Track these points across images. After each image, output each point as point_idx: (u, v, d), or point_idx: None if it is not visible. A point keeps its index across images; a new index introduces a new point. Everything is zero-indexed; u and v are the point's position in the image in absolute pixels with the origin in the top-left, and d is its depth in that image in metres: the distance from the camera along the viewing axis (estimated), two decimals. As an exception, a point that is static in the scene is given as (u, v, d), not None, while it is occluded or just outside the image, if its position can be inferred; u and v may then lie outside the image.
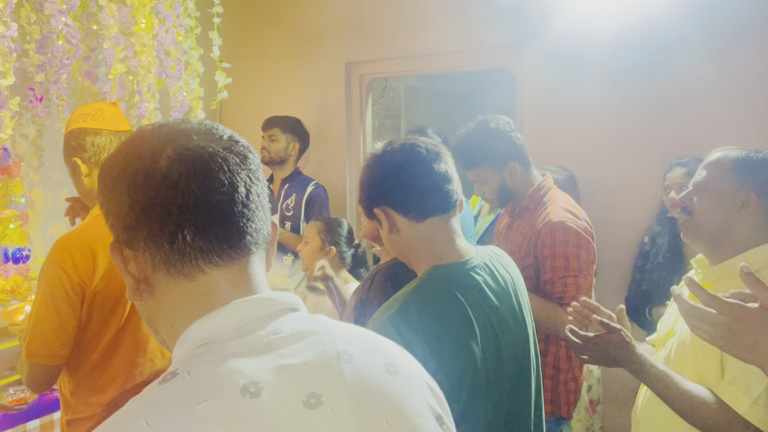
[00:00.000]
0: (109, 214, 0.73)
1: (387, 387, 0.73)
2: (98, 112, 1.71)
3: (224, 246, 0.71)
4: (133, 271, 0.72)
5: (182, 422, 0.60)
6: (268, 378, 0.65)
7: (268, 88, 3.75)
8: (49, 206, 3.11)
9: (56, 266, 1.54)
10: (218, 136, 0.74)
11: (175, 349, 0.71)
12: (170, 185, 0.68)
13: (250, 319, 0.70)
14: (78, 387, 1.65)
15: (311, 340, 0.71)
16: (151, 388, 0.65)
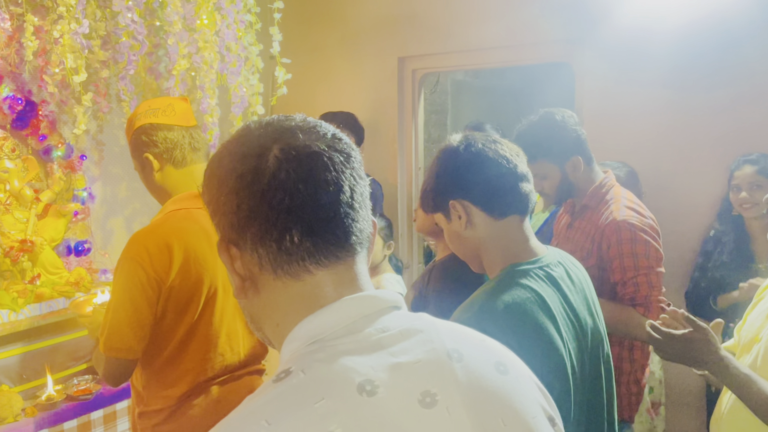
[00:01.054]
0: (216, 213, 0.73)
1: (499, 386, 0.71)
2: (169, 107, 1.71)
3: (331, 247, 0.70)
4: (239, 270, 0.72)
5: (302, 421, 0.60)
6: (382, 376, 0.65)
7: (321, 84, 3.75)
8: (108, 200, 3.17)
9: (133, 262, 1.55)
10: (322, 133, 0.73)
11: (284, 348, 0.71)
12: (278, 186, 0.68)
13: (358, 316, 0.69)
14: (150, 380, 1.67)
15: (419, 338, 0.70)
16: (265, 386, 0.66)
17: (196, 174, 1.73)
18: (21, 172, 2.51)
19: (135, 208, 3.30)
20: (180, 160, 1.70)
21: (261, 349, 1.84)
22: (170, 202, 1.68)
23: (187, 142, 1.70)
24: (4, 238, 2.43)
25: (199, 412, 1.69)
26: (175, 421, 1.67)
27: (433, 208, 1.37)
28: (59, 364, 2.43)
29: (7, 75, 2.49)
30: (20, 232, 2.49)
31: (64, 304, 2.50)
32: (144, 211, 3.35)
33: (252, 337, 1.79)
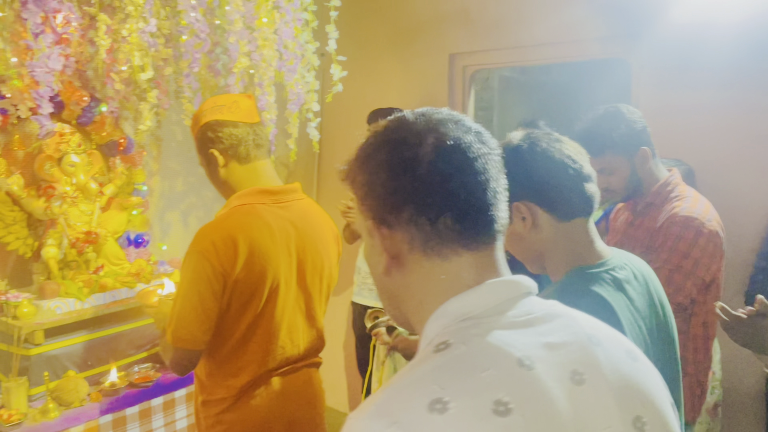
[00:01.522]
0: (369, 196, 0.79)
1: (634, 372, 0.77)
2: (234, 104, 1.75)
3: (478, 232, 0.77)
4: (389, 249, 0.78)
5: (472, 387, 0.65)
6: (536, 353, 0.70)
7: (372, 81, 3.77)
8: (166, 194, 3.26)
9: (200, 255, 1.59)
10: (468, 126, 0.79)
11: (430, 323, 0.76)
12: (436, 172, 0.74)
13: (504, 298, 0.75)
14: (214, 370, 1.72)
15: (561, 322, 0.76)
16: (427, 356, 0.70)
17: (260, 170, 1.77)
18: (86, 166, 2.60)
19: (191, 202, 3.39)
20: (244, 156, 1.74)
21: (319, 343, 1.87)
22: (234, 198, 1.72)
23: (251, 138, 1.74)
24: (70, 230, 2.52)
25: (260, 402, 1.73)
26: (237, 410, 1.72)
27: None
28: (121, 352, 2.52)
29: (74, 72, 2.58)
30: (85, 224, 2.58)
31: (126, 294, 2.59)
32: (199, 205, 3.44)
33: (311, 331, 1.83)
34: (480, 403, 0.64)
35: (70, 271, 2.53)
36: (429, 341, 0.74)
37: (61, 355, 2.34)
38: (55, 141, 2.52)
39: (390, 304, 0.85)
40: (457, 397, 0.64)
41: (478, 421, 0.63)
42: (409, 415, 0.63)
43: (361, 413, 0.67)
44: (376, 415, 0.65)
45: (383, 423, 0.63)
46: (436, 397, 0.64)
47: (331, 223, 1.95)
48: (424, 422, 0.62)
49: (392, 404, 0.65)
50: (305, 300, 1.79)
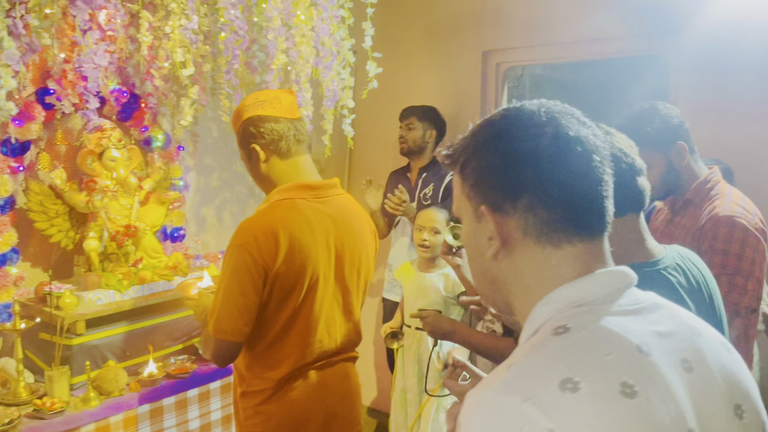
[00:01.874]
0: (483, 182, 0.82)
1: (730, 363, 0.80)
2: (275, 99, 1.77)
3: (591, 223, 0.80)
4: (501, 234, 0.80)
5: (598, 369, 0.68)
6: (651, 341, 0.73)
7: (404, 78, 3.78)
8: (201, 189, 3.31)
9: (242, 249, 1.61)
10: (582, 120, 0.83)
11: (539, 307, 0.79)
12: (556, 163, 0.77)
13: (614, 288, 0.78)
14: (253, 362, 1.75)
15: (665, 312, 0.80)
16: (547, 338, 0.73)
17: (300, 165, 1.79)
18: (126, 161, 2.66)
19: (225, 197, 3.44)
20: (285, 151, 1.76)
21: (356, 337, 1.89)
22: (275, 192, 1.74)
23: (292, 134, 1.76)
24: (110, 223, 2.58)
25: (298, 394, 1.76)
26: (275, 402, 1.74)
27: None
28: (158, 344, 2.57)
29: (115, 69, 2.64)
30: (125, 218, 2.63)
31: (163, 286, 2.63)
32: (233, 200, 3.49)
33: (348, 325, 1.85)
34: (608, 385, 0.67)
35: (109, 264, 2.59)
36: (538, 325, 0.77)
37: (101, 345, 2.39)
38: (97, 136, 2.58)
39: (491, 289, 0.87)
40: (586, 377, 0.66)
41: (608, 401, 0.65)
42: (542, 393, 0.66)
43: (487, 389, 0.69)
44: (506, 390, 0.67)
45: (516, 399, 0.66)
46: (567, 376, 0.66)
47: (368, 218, 1.96)
48: (558, 400, 0.65)
49: (521, 382, 0.68)
50: (343, 294, 1.80)
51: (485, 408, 0.67)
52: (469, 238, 0.87)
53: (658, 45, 2.97)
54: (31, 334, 2.36)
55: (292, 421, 1.74)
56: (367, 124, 3.92)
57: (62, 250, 2.66)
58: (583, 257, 0.79)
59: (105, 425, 2.23)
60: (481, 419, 0.67)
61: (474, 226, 0.84)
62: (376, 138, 3.99)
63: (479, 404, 0.69)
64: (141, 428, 2.33)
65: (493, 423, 0.66)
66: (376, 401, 4.21)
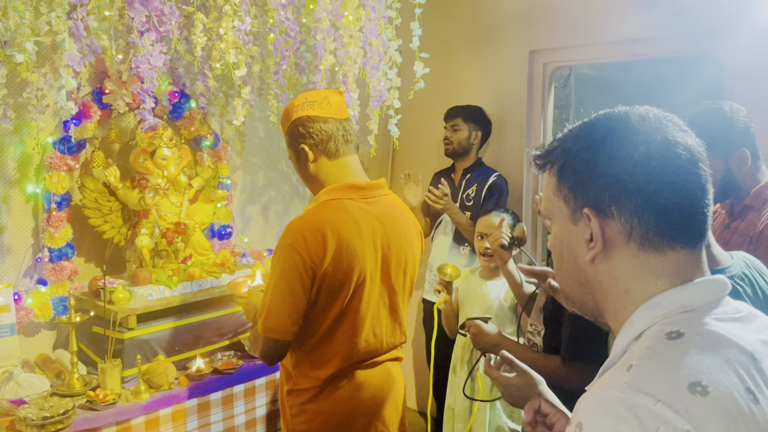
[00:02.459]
0: (589, 185, 0.82)
1: None
2: (324, 100, 1.78)
3: (693, 232, 0.80)
4: (604, 237, 0.81)
5: (720, 375, 0.69)
6: (759, 348, 0.74)
7: (450, 78, 3.76)
8: (248, 188, 3.36)
9: (291, 248, 1.63)
10: (686, 130, 0.83)
11: (641, 312, 0.79)
12: (666, 169, 0.78)
13: (715, 296, 0.79)
14: (300, 361, 1.76)
15: (762, 322, 0.81)
16: (662, 342, 0.74)
17: (348, 165, 1.80)
18: (177, 159, 2.72)
19: (270, 196, 3.48)
20: (334, 151, 1.77)
21: (401, 338, 1.89)
22: (323, 193, 1.76)
23: (341, 134, 1.77)
24: (161, 221, 2.64)
25: (343, 394, 1.77)
26: (321, 400, 1.76)
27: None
28: (205, 339, 2.62)
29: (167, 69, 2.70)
30: (175, 216, 2.69)
31: (211, 283, 2.69)
32: (278, 199, 3.53)
33: (394, 325, 1.85)
34: (734, 389, 0.68)
35: (160, 260, 2.65)
36: (641, 329, 0.78)
37: (151, 340, 2.45)
38: (149, 135, 2.64)
39: (581, 291, 0.87)
40: (712, 381, 0.68)
41: (736, 405, 0.67)
42: (674, 395, 0.67)
43: (610, 389, 0.70)
44: (634, 390, 0.68)
45: (648, 400, 0.66)
46: (695, 380, 0.68)
47: (415, 219, 1.96)
48: (690, 403, 0.66)
49: (649, 384, 0.68)
50: (389, 295, 1.81)
51: (613, 408, 0.67)
52: (562, 240, 0.87)
53: (710, 44, 2.89)
54: (85, 327, 2.44)
55: (338, 419, 1.76)
56: (411, 124, 3.91)
57: (115, 246, 2.73)
58: (684, 264, 0.80)
59: (155, 418, 2.28)
60: (612, 419, 0.67)
61: (569, 227, 0.85)
62: (420, 138, 3.99)
63: (605, 404, 0.69)
64: (189, 422, 2.38)
65: (625, 422, 0.66)
66: (413, 402, 4.21)
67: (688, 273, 0.79)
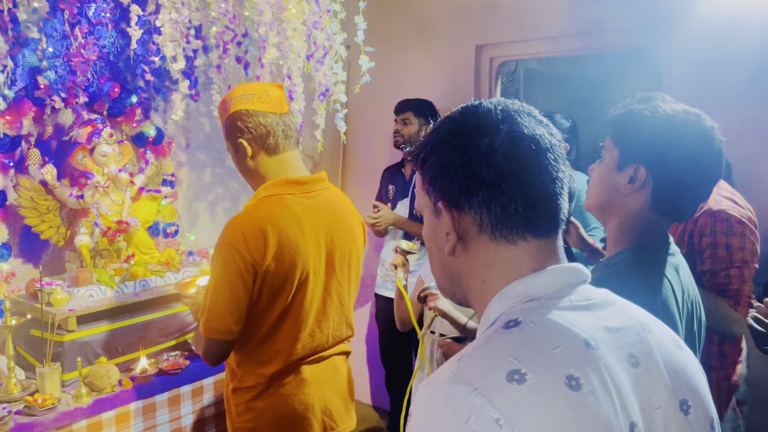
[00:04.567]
0: (441, 178, 0.82)
1: (679, 359, 0.82)
2: (264, 93, 1.74)
3: (545, 220, 0.81)
4: (457, 230, 0.82)
5: (546, 362, 0.70)
6: (599, 335, 0.75)
7: (398, 72, 3.76)
8: (194, 185, 3.29)
9: (230, 247, 1.60)
10: (539, 119, 0.83)
11: (493, 302, 0.81)
12: (511, 160, 0.78)
13: (566, 283, 0.80)
14: (245, 359, 1.74)
15: (616, 309, 0.82)
16: (497, 332, 0.75)
17: (288, 160, 1.77)
18: (117, 156, 2.64)
19: (218, 193, 3.42)
20: (273, 147, 1.74)
21: (348, 331, 1.89)
22: (262, 189, 1.73)
23: (281, 129, 1.74)
24: (102, 219, 2.56)
25: (289, 390, 1.75)
26: (267, 398, 1.74)
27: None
28: (150, 340, 2.56)
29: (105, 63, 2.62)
30: (116, 214, 2.62)
31: (155, 282, 2.63)
32: (226, 196, 3.47)
33: (340, 319, 1.84)
34: (554, 377, 0.69)
35: (101, 260, 2.57)
36: (493, 319, 0.79)
37: (93, 342, 2.38)
38: (87, 131, 2.56)
39: (450, 283, 0.88)
40: (532, 369, 0.69)
41: (553, 393, 0.68)
42: (490, 384, 0.68)
43: (438, 379, 0.71)
44: (456, 381, 0.69)
45: (465, 389, 0.68)
46: (514, 368, 0.69)
47: (357, 211, 1.95)
48: (505, 390, 0.67)
49: (471, 373, 0.70)
50: (334, 288, 1.80)
51: (436, 398, 0.69)
52: (429, 234, 0.88)
53: (650, 39, 2.97)
54: (23, 330, 2.35)
55: (285, 416, 1.74)
56: (360, 118, 3.91)
57: (53, 247, 2.64)
58: (536, 254, 0.80)
59: (97, 422, 2.22)
60: (432, 409, 0.69)
61: (433, 221, 0.86)
62: (371, 132, 3.98)
63: (431, 394, 0.70)
64: (134, 424, 2.32)
65: (442, 412, 0.67)
66: (367, 396, 4.21)
67: (539, 262, 0.80)
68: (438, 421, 0.67)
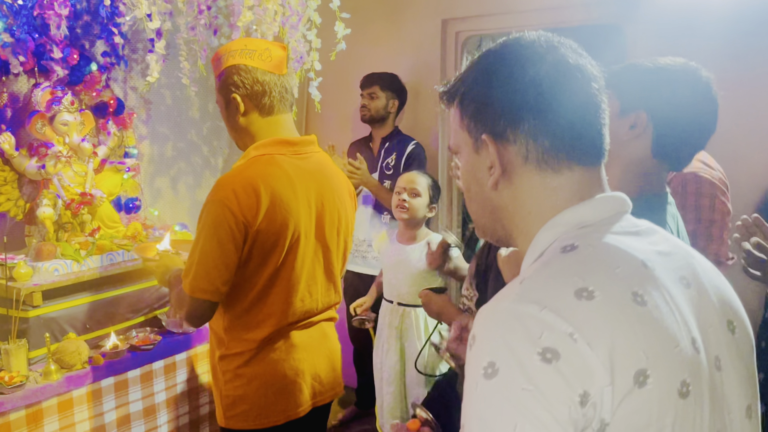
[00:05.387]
0: (484, 111, 0.82)
1: (722, 285, 0.85)
2: (266, 51, 1.68)
3: (590, 149, 0.81)
4: (501, 162, 0.82)
5: (609, 280, 0.71)
6: (653, 258, 0.77)
7: (364, 46, 3.71)
8: (155, 159, 3.18)
9: (221, 204, 1.55)
10: (580, 52, 0.84)
11: (543, 232, 0.81)
12: (557, 89, 0.79)
13: (614, 211, 0.81)
14: (233, 324, 1.69)
15: (661, 236, 0.84)
16: (555, 256, 0.75)
17: (281, 123, 1.72)
18: (79, 125, 2.52)
19: (180, 168, 3.32)
20: (267, 107, 1.69)
21: (336, 297, 1.86)
22: (253, 148, 1.68)
23: (278, 91, 1.69)
24: (65, 191, 2.44)
25: (279, 355, 1.72)
26: (256, 364, 1.70)
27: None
28: (119, 316, 2.47)
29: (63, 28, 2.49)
30: (79, 186, 2.50)
31: (123, 257, 2.53)
32: (189, 171, 3.37)
33: (328, 285, 1.81)
34: (621, 293, 0.70)
35: (64, 233, 2.46)
36: (543, 248, 0.79)
37: (60, 318, 2.28)
38: (46, 99, 2.43)
39: (491, 219, 0.88)
40: (599, 287, 0.69)
41: (622, 308, 0.69)
42: (559, 301, 0.68)
43: (502, 302, 0.71)
44: (523, 300, 0.69)
45: (534, 307, 0.68)
46: (581, 286, 0.69)
47: (346, 178, 1.93)
48: (575, 307, 0.68)
49: (537, 293, 0.70)
50: (324, 253, 1.77)
51: (503, 318, 0.69)
52: (468, 172, 0.88)
53: (614, 14, 3.03)
54: (-17, 307, 2.23)
55: (275, 382, 1.71)
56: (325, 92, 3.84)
57: (11, 221, 2.51)
58: (583, 183, 0.81)
59: (68, 399, 2.13)
60: (501, 328, 0.68)
61: (473, 158, 0.86)
62: (335, 106, 3.93)
63: (496, 315, 0.70)
64: (106, 401, 2.24)
65: (512, 330, 0.67)
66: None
67: (586, 191, 0.81)
68: (509, 340, 0.67)
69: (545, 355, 0.65)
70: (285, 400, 1.71)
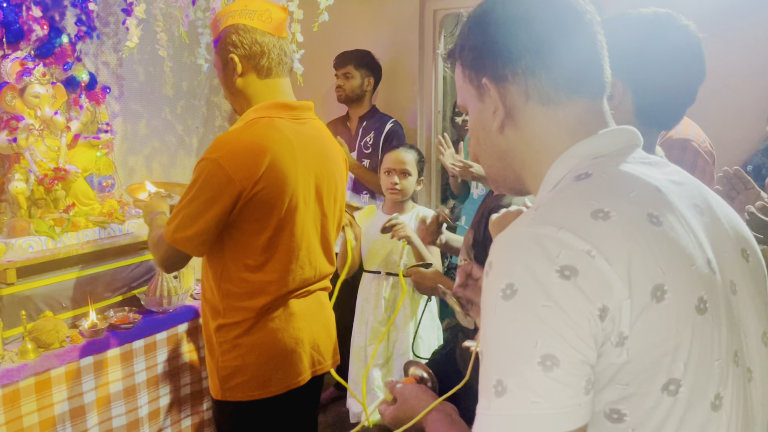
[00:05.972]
0: (482, 56, 0.83)
1: (734, 216, 0.87)
2: (266, 12, 1.64)
3: (591, 79, 0.82)
4: (505, 102, 0.82)
5: (624, 203, 0.72)
6: (667, 185, 0.78)
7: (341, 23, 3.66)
8: (129, 137, 3.08)
9: (216, 164, 1.50)
10: None
11: (556, 165, 0.81)
12: (549, 23, 0.80)
13: (627, 144, 0.82)
14: (231, 292, 1.64)
15: (673, 168, 0.85)
16: (570, 184, 0.76)
17: (279, 86, 1.68)
18: (50, 98, 2.42)
19: (154, 146, 3.23)
20: (265, 69, 1.65)
21: (332, 266, 1.83)
22: (251, 111, 1.63)
23: (276, 53, 1.65)
24: (37, 166, 2.34)
25: (278, 324, 1.68)
26: (255, 333, 1.66)
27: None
28: (96, 295, 2.39)
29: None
30: (52, 161, 2.40)
31: (98, 234, 2.44)
32: (163, 150, 3.28)
33: (325, 254, 1.78)
34: (636, 214, 0.71)
35: (38, 210, 2.36)
36: (557, 180, 0.80)
37: (35, 296, 2.19)
38: (16, 70, 2.33)
39: (501, 166, 0.88)
40: (615, 208, 0.70)
41: (638, 227, 0.70)
42: (576, 222, 0.69)
43: (518, 226, 0.71)
44: (539, 223, 0.69)
45: (551, 228, 0.68)
46: (597, 207, 0.70)
47: (339, 146, 1.89)
48: (591, 226, 0.69)
49: (554, 215, 0.70)
50: (321, 221, 1.73)
51: (521, 240, 0.69)
52: (475, 122, 0.88)
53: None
54: (-47, 285, 2.12)
55: (275, 352, 1.66)
56: (302, 70, 3.79)
57: (-21, 198, 2.39)
58: (587, 115, 0.81)
59: (45, 379, 2.04)
60: (518, 250, 0.68)
61: (479, 107, 0.86)
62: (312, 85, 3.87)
63: (512, 238, 0.70)
64: (85, 381, 2.16)
65: (530, 251, 0.67)
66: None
67: (592, 124, 0.81)
68: (526, 260, 0.67)
69: (564, 272, 0.65)
70: (285, 370, 1.67)
